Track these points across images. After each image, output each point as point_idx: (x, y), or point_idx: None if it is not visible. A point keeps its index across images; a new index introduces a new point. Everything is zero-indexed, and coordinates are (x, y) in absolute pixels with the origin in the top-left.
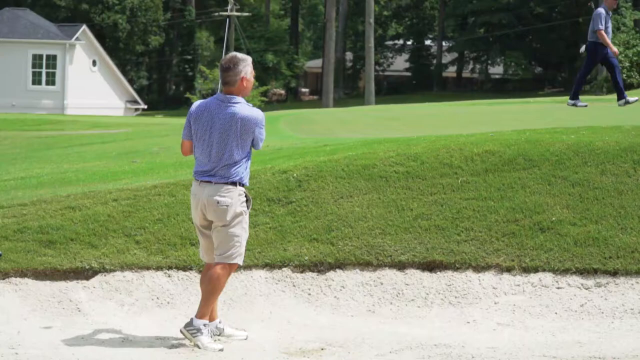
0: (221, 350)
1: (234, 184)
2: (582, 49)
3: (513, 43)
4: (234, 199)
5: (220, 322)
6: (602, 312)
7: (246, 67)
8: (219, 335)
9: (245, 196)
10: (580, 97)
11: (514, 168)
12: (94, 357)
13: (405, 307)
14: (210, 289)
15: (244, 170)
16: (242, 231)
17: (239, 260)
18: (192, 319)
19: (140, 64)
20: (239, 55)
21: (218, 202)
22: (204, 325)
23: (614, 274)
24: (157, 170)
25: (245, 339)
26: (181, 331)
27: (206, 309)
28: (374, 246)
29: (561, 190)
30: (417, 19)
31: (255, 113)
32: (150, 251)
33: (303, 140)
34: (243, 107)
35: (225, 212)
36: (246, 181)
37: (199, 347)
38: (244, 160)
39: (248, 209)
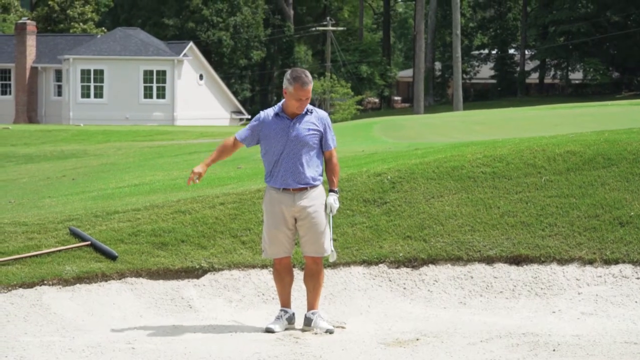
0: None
1: None
2: None
3: (591, 50)
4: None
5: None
6: None
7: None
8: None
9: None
10: None
11: (593, 167)
12: (204, 350)
13: (494, 298)
14: None
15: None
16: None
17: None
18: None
19: (244, 77)
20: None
21: None
22: (312, 313)
23: None
24: (260, 175)
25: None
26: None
27: (310, 300)
28: (464, 242)
29: (639, 187)
30: (501, 29)
31: None
32: (256, 251)
33: (395, 145)
34: None
35: None
36: (266, 179)
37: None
38: None
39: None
